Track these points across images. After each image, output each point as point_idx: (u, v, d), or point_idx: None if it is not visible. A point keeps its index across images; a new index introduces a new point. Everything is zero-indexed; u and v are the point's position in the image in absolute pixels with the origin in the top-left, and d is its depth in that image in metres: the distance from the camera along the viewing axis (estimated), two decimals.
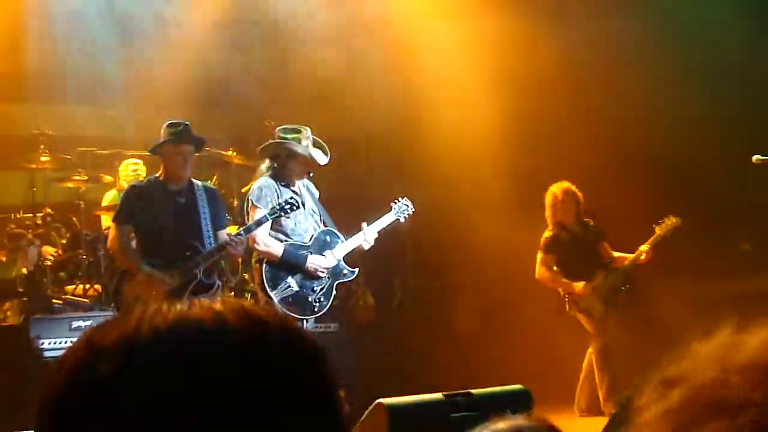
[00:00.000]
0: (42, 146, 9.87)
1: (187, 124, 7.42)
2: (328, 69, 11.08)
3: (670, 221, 9.21)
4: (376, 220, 7.99)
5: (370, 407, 5.62)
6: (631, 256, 9.33)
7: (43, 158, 9.88)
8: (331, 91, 10.92)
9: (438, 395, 5.68)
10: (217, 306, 1.13)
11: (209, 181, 10.22)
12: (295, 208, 7.35)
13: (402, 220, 8.17)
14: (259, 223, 7.31)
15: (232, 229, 8.23)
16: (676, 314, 10.41)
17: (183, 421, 1.03)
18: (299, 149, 7.65)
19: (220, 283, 7.42)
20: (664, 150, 10.64)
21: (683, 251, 9.74)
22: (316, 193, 8.06)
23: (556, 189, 9.43)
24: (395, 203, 8.16)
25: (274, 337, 1.12)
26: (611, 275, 9.34)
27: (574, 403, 9.46)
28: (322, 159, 7.79)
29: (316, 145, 7.80)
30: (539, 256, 9.41)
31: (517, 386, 5.87)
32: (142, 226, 7.37)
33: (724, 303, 10.94)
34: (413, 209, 8.23)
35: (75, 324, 8.73)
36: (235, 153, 10.52)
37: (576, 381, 9.51)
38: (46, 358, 8.55)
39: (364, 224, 7.88)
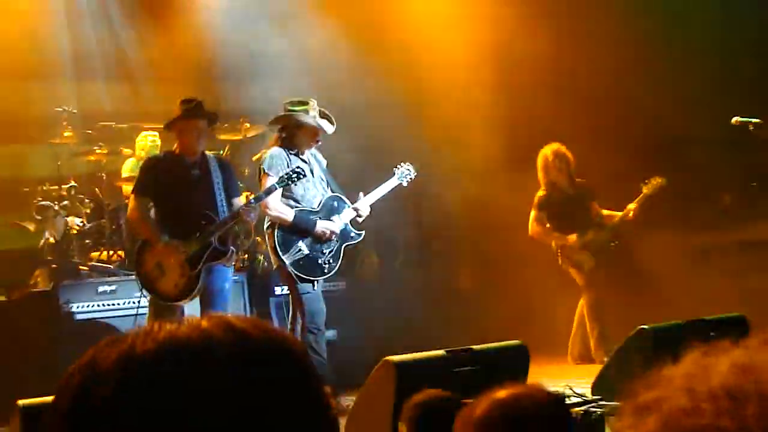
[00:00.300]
0: (65, 122, 9.85)
1: (199, 101, 7.38)
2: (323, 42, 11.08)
3: (656, 181, 9.21)
4: (381, 184, 7.98)
5: (378, 364, 5.65)
6: (619, 213, 9.34)
7: (66, 134, 9.87)
8: (330, 63, 10.90)
9: (441, 351, 5.71)
10: (204, 323, 1.14)
11: (222, 152, 10.25)
12: (302, 176, 7.36)
13: (405, 184, 8.13)
14: (268, 191, 7.32)
15: (245, 197, 8.24)
16: (661, 267, 10.45)
17: None
18: (307, 120, 7.64)
19: (234, 249, 7.40)
20: (651, 113, 10.63)
21: (668, 207, 9.76)
22: (324, 162, 8.03)
23: (548, 150, 9.45)
24: (397, 168, 8.11)
25: (259, 349, 1.12)
26: (601, 232, 9.36)
27: (568, 352, 9.51)
28: (329, 128, 7.78)
29: (322, 115, 7.76)
30: (532, 213, 9.46)
31: (515, 341, 5.90)
32: (160, 197, 7.37)
33: (707, 253, 11.01)
34: (415, 173, 8.18)
35: (101, 288, 8.74)
36: (246, 124, 10.45)
37: (569, 332, 9.56)
38: (77, 320, 8.56)
39: (360, 194, 7.85)
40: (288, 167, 7.52)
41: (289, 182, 7.34)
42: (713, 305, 9.77)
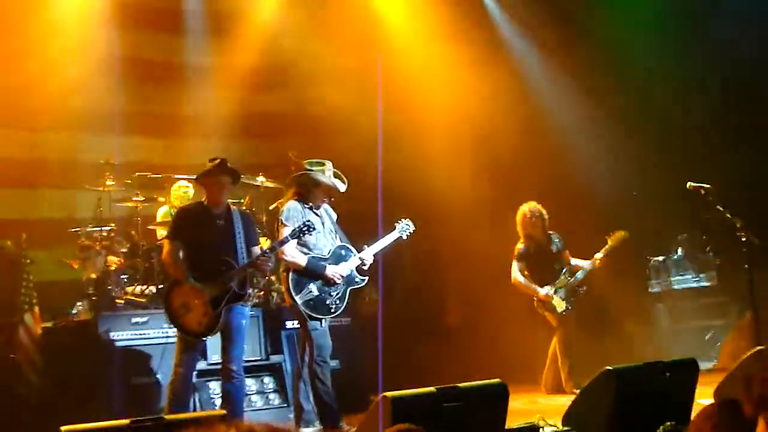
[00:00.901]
0: (107, 173, 9.88)
1: (223, 160, 7.42)
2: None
3: (619, 234, 9.35)
4: (383, 237, 8.01)
5: (376, 398, 5.66)
6: (587, 262, 9.41)
7: (108, 182, 9.88)
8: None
9: (431, 389, 5.72)
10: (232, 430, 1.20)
11: (243, 200, 10.28)
12: (312, 229, 7.46)
13: (404, 237, 8.14)
14: (281, 242, 7.44)
15: (263, 242, 8.27)
16: (623, 309, 10.51)
17: None
18: (323, 179, 7.76)
19: (251, 292, 7.43)
20: (610, 174, 10.75)
21: (628, 256, 9.84)
22: (335, 216, 8.11)
23: (525, 208, 9.58)
24: (398, 223, 8.15)
25: None
26: (571, 278, 9.41)
27: (542, 383, 9.52)
28: (341, 187, 7.89)
29: (335, 176, 7.88)
30: (514, 264, 9.53)
31: (495, 380, 5.91)
32: (188, 243, 7.38)
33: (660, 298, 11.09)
34: (414, 228, 8.20)
35: (134, 319, 8.73)
36: (264, 177, 10.50)
37: (543, 366, 9.57)
38: (114, 347, 8.56)
39: (365, 246, 7.95)
40: (302, 219, 7.59)
41: (301, 234, 7.43)
42: (668, 343, 9.87)
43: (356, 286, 7.91)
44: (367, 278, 7.96)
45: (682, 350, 9.17)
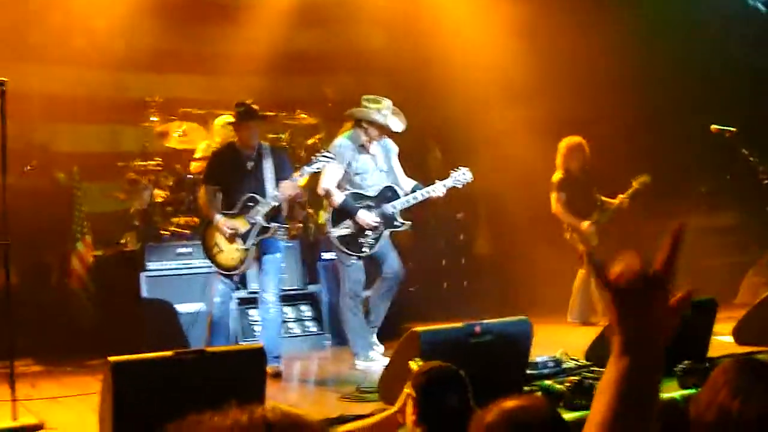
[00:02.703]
0: (152, 109, 9.88)
1: (250, 105, 7.39)
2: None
3: (643, 178, 9.23)
4: (435, 184, 7.60)
5: (406, 333, 5.71)
6: (614, 201, 9.31)
7: (153, 118, 9.90)
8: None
9: (459, 324, 5.75)
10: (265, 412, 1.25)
11: (283, 135, 10.24)
12: (330, 159, 7.23)
13: (459, 186, 7.70)
14: (301, 174, 7.33)
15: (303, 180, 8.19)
16: (649, 246, 10.40)
17: None
18: (377, 117, 7.53)
19: (278, 224, 7.41)
20: (645, 117, 10.56)
21: (656, 196, 9.72)
22: (395, 150, 7.85)
23: (570, 141, 9.43)
24: (455, 171, 7.69)
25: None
26: (603, 215, 9.32)
27: (567, 315, 9.51)
28: (397, 127, 7.63)
29: (395, 113, 7.63)
30: (554, 194, 9.40)
31: (521, 317, 5.93)
32: (221, 184, 7.46)
33: (688, 236, 10.94)
34: (471, 178, 7.68)
35: (179, 250, 8.85)
36: (303, 113, 10.45)
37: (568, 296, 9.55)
38: (163, 276, 8.69)
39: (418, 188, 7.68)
40: (348, 158, 7.51)
41: (321, 167, 7.27)
42: (694, 282, 9.75)
43: (396, 229, 7.71)
44: (408, 223, 7.73)
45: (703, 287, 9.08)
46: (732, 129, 8.18)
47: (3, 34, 9.27)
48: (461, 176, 7.67)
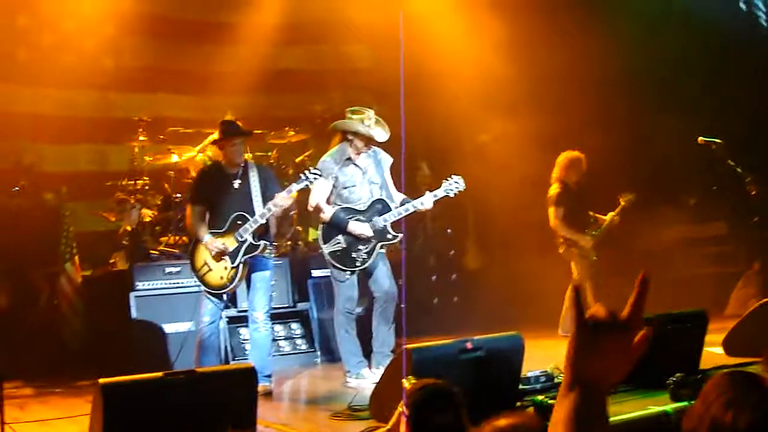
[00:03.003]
0: (140, 129, 9.85)
1: (234, 122, 7.38)
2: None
3: (629, 196, 9.18)
4: (427, 195, 7.46)
5: (399, 350, 5.68)
6: (605, 217, 9.23)
7: (141, 138, 9.86)
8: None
9: (450, 340, 5.73)
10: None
11: (270, 153, 10.23)
12: (316, 177, 7.16)
13: (451, 195, 7.58)
14: (288, 192, 7.16)
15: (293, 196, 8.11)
16: (642, 256, 10.44)
17: None
18: (360, 128, 7.43)
19: (267, 242, 7.35)
20: (632, 130, 10.61)
21: (645, 208, 9.74)
22: (388, 161, 7.72)
23: (570, 154, 9.26)
24: (446, 180, 7.58)
25: None
26: (598, 230, 9.23)
27: (558, 327, 9.47)
28: (380, 137, 7.51)
29: (377, 123, 7.53)
30: (552, 209, 9.17)
31: (513, 332, 5.91)
32: (209, 203, 7.40)
33: (676, 245, 11.00)
34: (463, 187, 7.56)
35: (167, 269, 8.78)
36: (291, 131, 10.45)
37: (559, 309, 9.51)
38: (152, 296, 8.62)
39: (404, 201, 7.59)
40: (333, 173, 7.46)
41: (307, 184, 7.18)
42: (684, 293, 9.75)
43: (388, 242, 7.59)
44: (400, 235, 7.60)
45: (692, 298, 9.09)
46: (718, 141, 8.22)
47: None
48: (454, 185, 7.55)
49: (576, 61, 10.36)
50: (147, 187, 9.73)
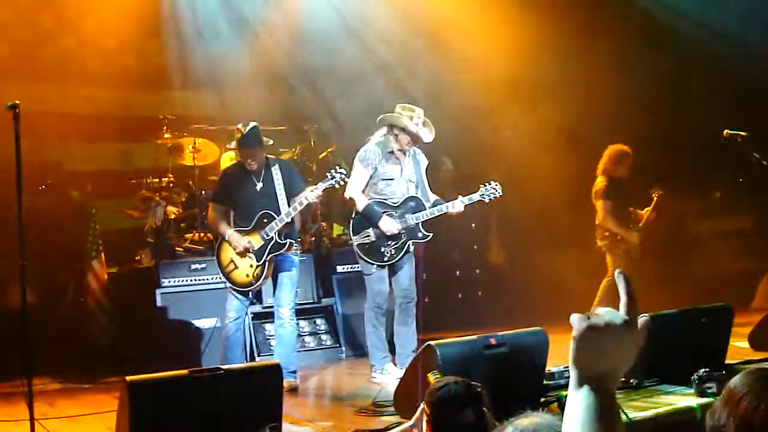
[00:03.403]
0: (165, 126, 9.91)
1: (251, 131, 7.27)
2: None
3: (660, 191, 9.05)
4: (463, 198, 7.44)
5: (422, 347, 5.69)
6: (643, 212, 9.12)
7: (165, 135, 9.92)
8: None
9: (473, 336, 5.73)
10: None
11: (294, 150, 10.24)
12: (341, 180, 7.20)
13: (486, 200, 7.51)
14: (314, 189, 7.21)
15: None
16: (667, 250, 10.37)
17: None
18: (409, 125, 7.42)
19: (292, 240, 7.38)
20: (657, 125, 10.53)
21: (674, 202, 9.67)
22: (424, 162, 7.75)
23: (620, 147, 9.05)
24: (484, 186, 7.49)
25: None
26: (638, 227, 9.07)
27: None
28: (427, 137, 7.51)
29: (425, 125, 7.52)
30: (600, 202, 8.95)
31: (536, 328, 5.89)
32: (233, 202, 7.44)
33: (703, 241, 10.94)
34: (500, 193, 7.45)
35: (193, 266, 8.84)
36: (313, 127, 10.47)
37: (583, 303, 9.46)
38: (178, 292, 8.70)
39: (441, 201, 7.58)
40: (376, 164, 7.45)
41: (334, 183, 7.20)
42: (709, 287, 9.66)
43: (418, 240, 7.57)
44: (431, 235, 7.57)
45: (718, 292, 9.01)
46: (743, 134, 8.14)
47: (18, 55, 9.32)
48: (491, 190, 7.47)
49: (603, 58, 10.29)
50: (172, 185, 9.78)
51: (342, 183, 7.30)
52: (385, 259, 7.47)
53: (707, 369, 5.62)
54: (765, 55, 10.21)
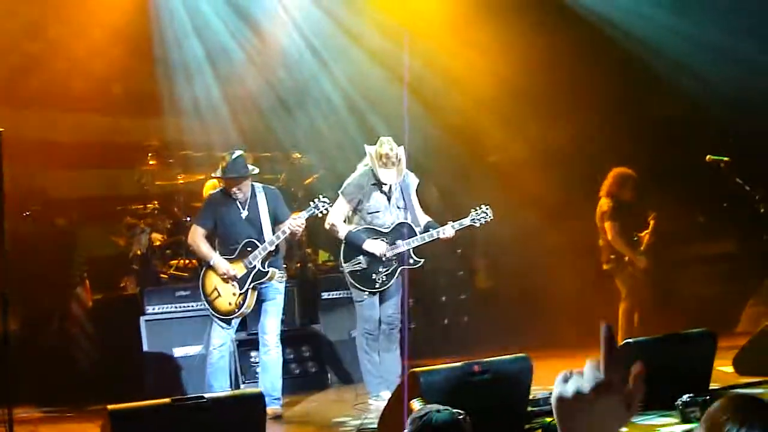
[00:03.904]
0: (150, 153, 9.89)
1: (237, 159, 7.28)
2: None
3: (655, 214, 9.09)
4: (453, 223, 7.41)
5: (405, 375, 5.69)
6: (642, 235, 9.16)
7: (151, 162, 9.91)
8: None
9: (457, 363, 5.74)
10: None
11: (279, 176, 10.23)
12: (324, 209, 7.22)
13: (477, 225, 7.47)
14: (298, 218, 7.22)
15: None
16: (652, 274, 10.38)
17: None
18: (375, 165, 7.33)
19: (276, 269, 7.38)
20: (641, 148, 10.56)
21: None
22: (414, 183, 7.66)
23: (624, 171, 9.07)
24: (474, 210, 7.47)
25: None
26: (642, 251, 9.11)
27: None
28: (388, 179, 7.36)
29: (394, 164, 7.30)
30: (609, 223, 8.92)
31: (520, 354, 5.90)
32: (218, 228, 7.43)
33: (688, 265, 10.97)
34: (491, 217, 7.43)
35: (178, 293, 8.79)
36: (299, 154, 10.48)
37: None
38: (162, 319, 8.63)
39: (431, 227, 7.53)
40: (359, 196, 7.44)
41: (316, 212, 7.21)
42: (694, 311, 9.67)
43: (409, 267, 7.52)
44: (422, 261, 7.55)
45: (702, 316, 9.03)
46: (726, 159, 8.22)
47: (2, 81, 9.31)
48: (482, 215, 7.43)
49: (588, 78, 10.34)
50: (156, 211, 9.75)
51: (324, 212, 7.29)
52: (377, 285, 7.46)
53: (691, 395, 5.63)
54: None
